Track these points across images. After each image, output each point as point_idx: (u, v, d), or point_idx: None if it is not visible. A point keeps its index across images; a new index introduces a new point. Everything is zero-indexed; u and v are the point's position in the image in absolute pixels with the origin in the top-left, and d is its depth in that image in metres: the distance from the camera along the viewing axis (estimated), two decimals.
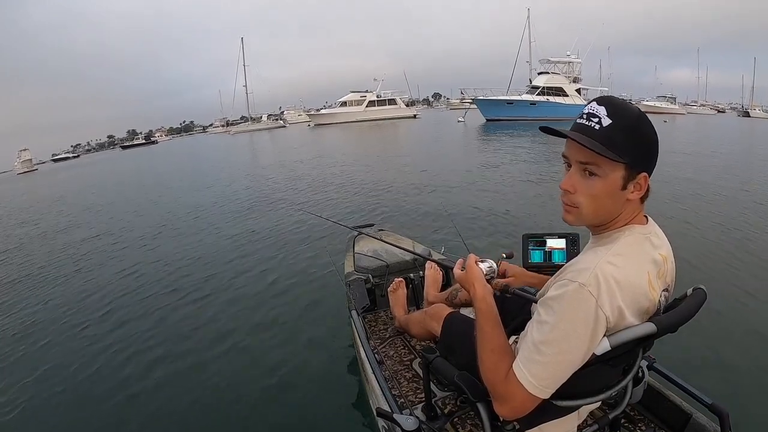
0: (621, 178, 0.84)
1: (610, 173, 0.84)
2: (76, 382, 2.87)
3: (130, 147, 69.68)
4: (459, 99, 54.14)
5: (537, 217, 5.74)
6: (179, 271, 4.82)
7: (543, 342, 0.83)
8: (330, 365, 2.67)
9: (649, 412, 1.44)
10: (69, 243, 6.98)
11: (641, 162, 0.85)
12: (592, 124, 0.85)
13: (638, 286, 0.86)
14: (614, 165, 0.83)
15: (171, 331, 3.43)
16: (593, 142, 0.82)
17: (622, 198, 0.87)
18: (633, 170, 0.84)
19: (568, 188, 0.89)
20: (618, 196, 0.86)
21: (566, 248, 1.36)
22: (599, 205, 0.87)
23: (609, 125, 0.83)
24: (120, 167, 26.64)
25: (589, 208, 0.88)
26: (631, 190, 0.86)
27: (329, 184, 9.71)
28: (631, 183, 0.85)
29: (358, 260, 2.64)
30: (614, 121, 0.83)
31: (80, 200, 12.80)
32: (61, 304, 4.30)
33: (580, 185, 0.87)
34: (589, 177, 0.86)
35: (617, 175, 0.84)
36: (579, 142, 0.84)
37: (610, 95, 0.93)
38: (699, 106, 61.76)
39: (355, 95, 50.47)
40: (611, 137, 0.83)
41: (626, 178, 0.85)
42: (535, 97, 32.52)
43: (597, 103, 0.86)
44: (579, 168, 0.87)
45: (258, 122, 61.20)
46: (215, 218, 7.32)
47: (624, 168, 0.84)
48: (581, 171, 0.87)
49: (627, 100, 0.90)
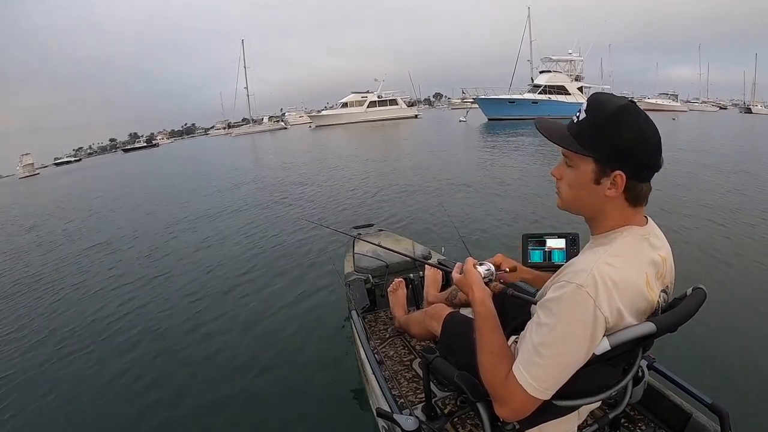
0: (591, 171, 0.87)
1: (580, 165, 0.89)
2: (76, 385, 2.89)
3: (132, 150, 70.13)
4: (460, 98, 54.25)
5: (537, 216, 5.73)
6: (179, 271, 4.85)
7: (542, 344, 0.83)
8: (330, 365, 2.67)
9: (649, 412, 1.44)
10: (59, 254, 6.85)
11: (613, 159, 0.85)
12: (575, 117, 0.90)
13: (636, 287, 0.86)
14: (582, 158, 0.88)
15: (168, 329, 3.45)
16: (555, 135, 0.91)
17: (598, 193, 0.88)
18: (604, 166, 0.86)
19: (555, 174, 0.96)
20: (592, 190, 0.88)
21: (566, 248, 1.35)
22: (575, 194, 0.92)
23: (582, 119, 0.88)
24: (120, 171, 26.68)
25: (567, 195, 0.94)
26: (607, 186, 0.86)
27: (329, 184, 9.72)
28: (605, 179, 0.86)
29: (358, 260, 2.64)
30: (588, 115, 0.87)
31: (82, 204, 12.88)
32: (65, 311, 4.32)
33: (564, 174, 0.94)
34: (567, 167, 0.92)
35: (587, 168, 0.88)
36: (543, 134, 0.93)
37: (604, 92, 0.94)
38: (701, 103, 61.65)
39: (356, 96, 50.44)
40: (581, 131, 0.88)
41: (597, 173, 0.87)
42: (537, 95, 32.40)
43: (588, 98, 0.91)
44: (563, 158, 0.93)
45: (259, 124, 61.22)
46: (216, 219, 7.34)
47: (592, 162, 0.87)
48: (565, 161, 0.93)
49: (628, 98, 0.91)
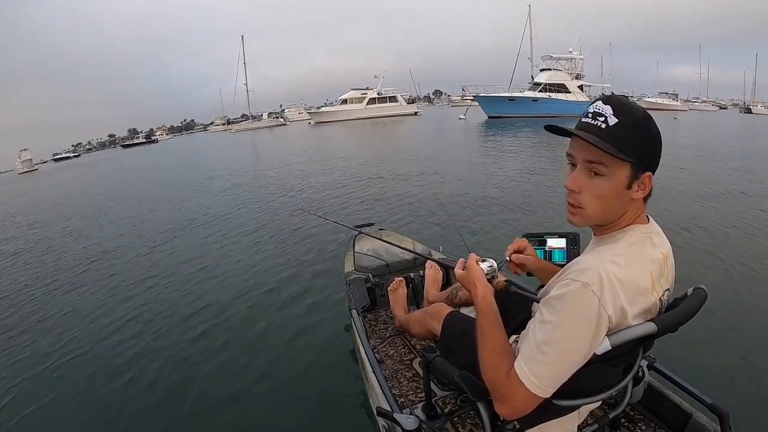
0: (626, 177, 0.85)
1: (616, 172, 0.84)
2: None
3: (131, 146, 69.91)
4: (460, 96, 54.00)
5: (537, 216, 5.72)
6: (178, 270, 4.83)
7: (545, 341, 0.83)
8: (330, 364, 2.67)
9: (650, 412, 1.44)
10: (52, 256, 6.91)
11: (646, 161, 0.85)
12: (598, 123, 0.85)
13: (641, 286, 0.86)
14: (621, 164, 0.84)
15: (166, 327, 3.44)
16: (602, 141, 0.82)
17: (627, 197, 0.87)
18: (638, 169, 0.85)
19: (574, 188, 0.88)
20: (623, 196, 0.86)
21: (566, 248, 1.36)
22: (605, 205, 0.87)
23: (615, 124, 0.83)
24: (119, 166, 26.57)
25: (594, 209, 0.88)
26: (636, 190, 0.86)
27: (328, 183, 9.68)
28: (636, 182, 0.86)
29: (359, 259, 2.64)
30: (621, 119, 0.83)
31: (80, 201, 12.82)
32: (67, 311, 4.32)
33: (586, 185, 0.87)
34: (594, 177, 0.86)
35: (623, 174, 0.84)
36: (588, 141, 0.83)
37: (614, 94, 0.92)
38: (701, 102, 61.59)
39: (355, 93, 50.35)
40: (618, 136, 0.83)
41: (631, 178, 0.85)
42: (537, 93, 32.30)
43: (603, 102, 0.86)
44: (585, 167, 0.87)
45: (259, 120, 61.04)
46: (216, 220, 7.28)
47: (630, 167, 0.84)
48: (587, 171, 0.87)
49: (627, 97, 0.89)
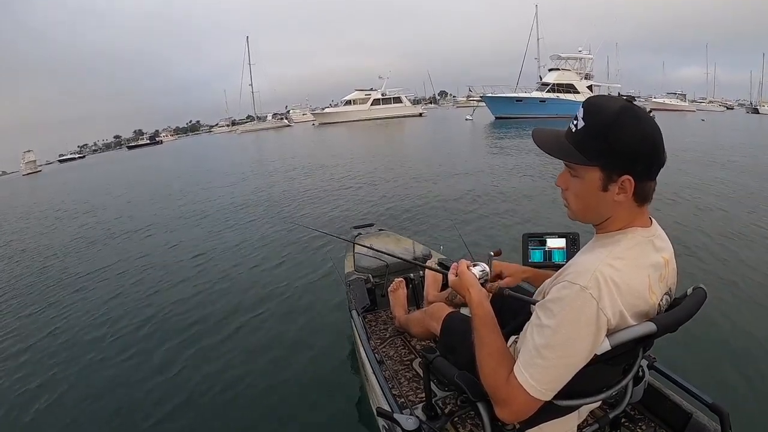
0: (598, 179, 0.85)
1: (586, 175, 0.86)
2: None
3: (136, 147, 70.61)
4: (466, 96, 53.86)
5: (538, 216, 5.71)
6: (178, 271, 4.87)
7: (545, 346, 0.82)
8: (330, 365, 2.68)
9: (650, 412, 1.43)
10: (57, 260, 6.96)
11: (620, 164, 0.82)
12: (572, 126, 0.86)
13: (637, 291, 0.85)
14: (587, 168, 0.85)
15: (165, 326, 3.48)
16: (554, 148, 0.87)
17: (607, 199, 0.86)
18: (611, 172, 0.83)
19: (560, 185, 0.93)
20: (600, 197, 0.86)
21: (566, 248, 1.36)
22: (584, 204, 0.89)
23: (581, 128, 0.84)
24: (124, 169, 26.60)
25: (576, 206, 0.91)
26: (616, 192, 0.84)
27: (329, 183, 9.71)
28: (613, 185, 0.84)
29: (359, 260, 2.64)
30: (587, 122, 0.84)
31: (79, 206, 12.89)
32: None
33: (569, 184, 0.91)
34: (572, 177, 0.89)
35: (593, 177, 0.85)
36: (540, 147, 0.90)
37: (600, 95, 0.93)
38: (707, 102, 61.12)
39: (359, 93, 50.23)
40: (582, 141, 0.84)
41: (604, 180, 0.84)
42: (544, 94, 31.89)
43: (583, 103, 0.87)
44: (566, 167, 0.90)
45: (263, 121, 61.14)
46: (217, 220, 7.32)
47: (599, 170, 0.84)
48: (567, 170, 0.90)
49: (634, 98, 0.89)
